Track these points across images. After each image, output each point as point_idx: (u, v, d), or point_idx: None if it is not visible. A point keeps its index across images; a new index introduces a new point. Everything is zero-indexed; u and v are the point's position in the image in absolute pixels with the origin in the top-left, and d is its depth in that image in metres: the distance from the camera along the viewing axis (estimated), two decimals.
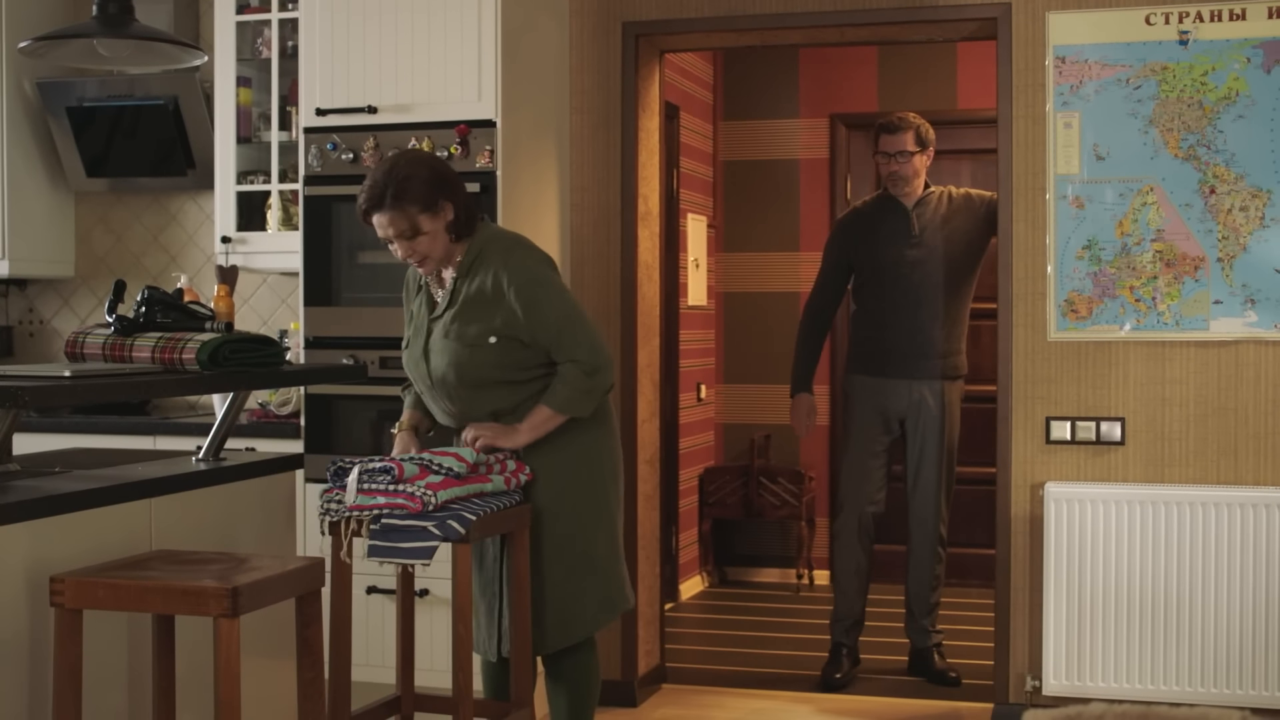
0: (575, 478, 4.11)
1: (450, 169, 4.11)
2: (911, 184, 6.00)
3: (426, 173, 3.98)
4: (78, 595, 3.02)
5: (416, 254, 4.01)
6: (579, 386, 4.00)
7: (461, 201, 4.04)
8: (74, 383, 3.17)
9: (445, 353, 4.03)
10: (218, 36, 5.73)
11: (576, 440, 4.11)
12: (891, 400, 6.08)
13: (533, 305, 3.99)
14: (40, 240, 6.21)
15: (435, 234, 3.99)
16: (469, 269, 4.06)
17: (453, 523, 3.74)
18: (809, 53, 8.07)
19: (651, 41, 5.73)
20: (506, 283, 3.99)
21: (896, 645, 6.56)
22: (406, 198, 3.94)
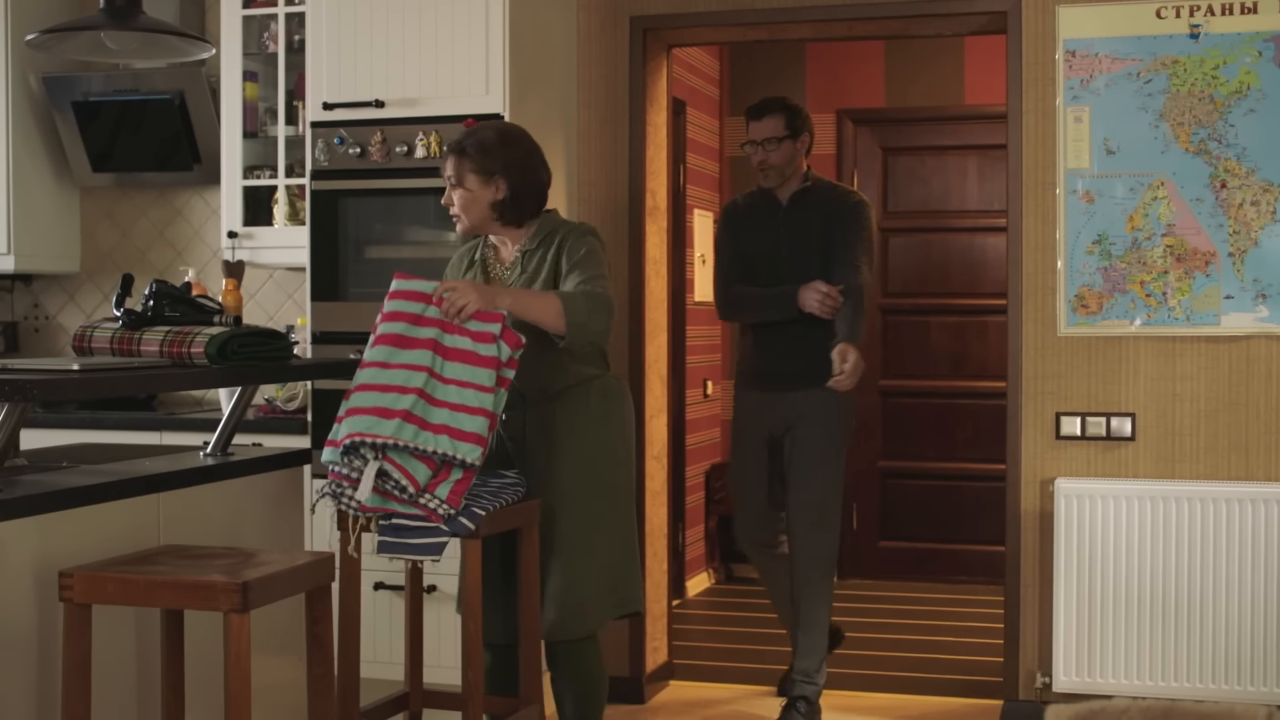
0: (588, 470, 4.09)
1: (535, 160, 4.16)
2: (784, 175, 5.31)
3: (503, 146, 4.08)
4: (86, 590, 3.00)
5: (453, 205, 4.13)
6: (580, 297, 3.95)
7: (521, 191, 4.10)
8: (82, 376, 3.16)
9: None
10: (224, 30, 5.71)
11: (591, 433, 4.09)
12: (769, 413, 5.34)
13: (574, 265, 4.04)
14: (45, 236, 6.19)
15: (476, 199, 4.08)
16: (538, 243, 4.13)
17: (463, 519, 3.71)
18: (815, 48, 8.05)
19: (659, 36, 5.70)
20: (568, 251, 4.06)
21: (904, 641, 6.55)
22: (470, 151, 4.07)
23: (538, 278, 4.07)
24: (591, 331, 3.98)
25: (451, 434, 3.70)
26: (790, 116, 5.30)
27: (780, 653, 6.33)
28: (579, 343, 3.99)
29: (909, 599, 7.56)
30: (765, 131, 5.28)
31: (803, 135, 5.33)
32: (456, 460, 3.70)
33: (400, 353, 3.80)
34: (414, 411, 3.68)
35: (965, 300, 7.99)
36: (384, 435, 3.63)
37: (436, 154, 5.13)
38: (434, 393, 3.75)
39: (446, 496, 3.69)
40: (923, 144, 8.07)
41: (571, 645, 4.16)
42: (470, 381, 3.79)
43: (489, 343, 3.82)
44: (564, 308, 3.91)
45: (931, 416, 8.06)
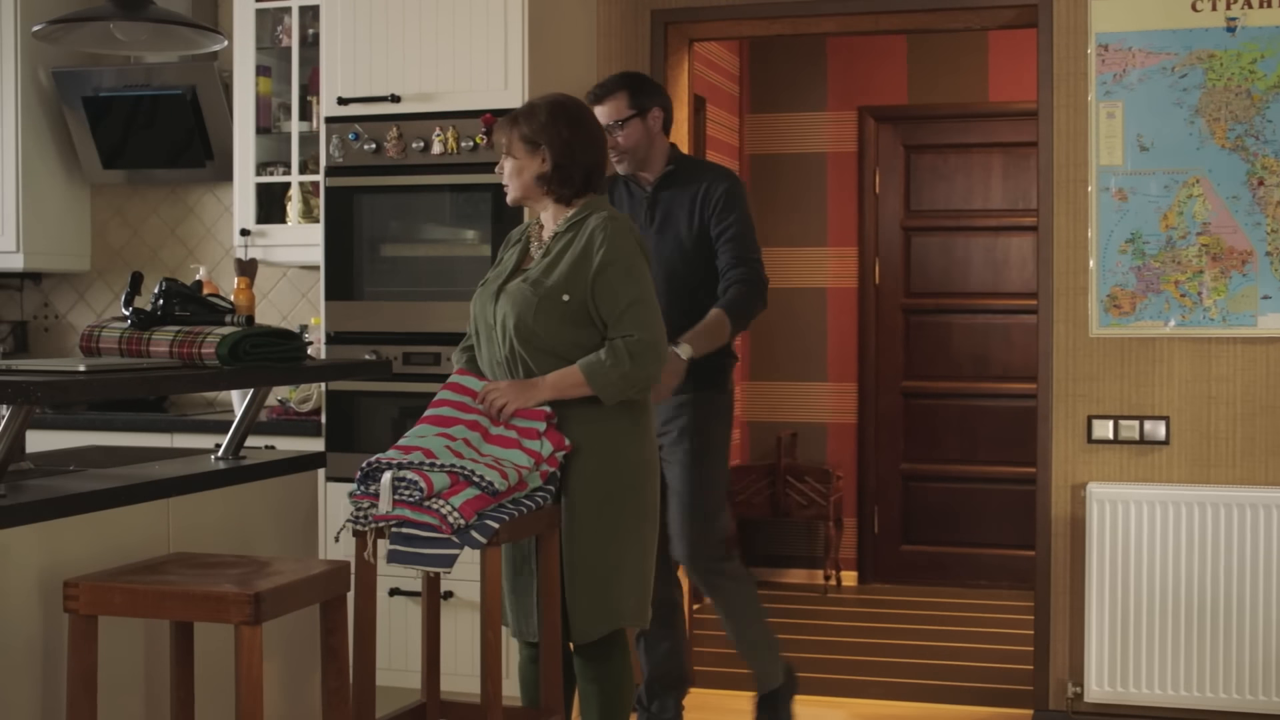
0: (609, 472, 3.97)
1: (585, 138, 4.02)
2: (639, 157, 4.79)
3: (551, 118, 3.98)
4: (92, 601, 2.88)
5: (502, 173, 4.05)
6: (619, 364, 3.85)
7: (566, 166, 3.97)
8: (89, 378, 3.04)
9: (515, 296, 3.92)
10: (237, 24, 5.60)
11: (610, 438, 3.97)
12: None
13: (610, 278, 3.89)
14: (55, 233, 6.09)
15: (522, 169, 3.99)
16: (569, 227, 4.00)
17: (474, 533, 3.61)
18: (837, 44, 7.93)
19: (680, 30, 5.59)
20: (597, 247, 3.91)
21: (928, 648, 6.42)
22: (521, 119, 3.99)
23: (558, 264, 3.93)
24: (634, 390, 3.92)
25: (476, 463, 3.68)
26: (634, 93, 4.74)
27: (805, 659, 6.21)
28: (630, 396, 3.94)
29: (931, 604, 7.44)
30: (608, 114, 4.71)
31: (653, 110, 4.76)
32: (475, 479, 3.63)
33: (439, 429, 3.82)
34: (437, 454, 3.68)
35: (989, 300, 7.87)
36: (402, 459, 3.63)
37: (454, 150, 5.03)
38: (465, 453, 3.75)
39: (459, 505, 3.60)
40: (946, 141, 7.95)
41: (599, 649, 4.04)
42: (506, 459, 3.77)
43: (533, 438, 3.81)
44: (599, 383, 3.85)
45: (954, 418, 7.94)
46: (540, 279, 3.92)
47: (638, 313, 3.89)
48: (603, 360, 3.86)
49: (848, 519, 7.96)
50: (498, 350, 3.96)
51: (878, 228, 7.97)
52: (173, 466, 3.70)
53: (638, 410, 4.04)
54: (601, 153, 4.08)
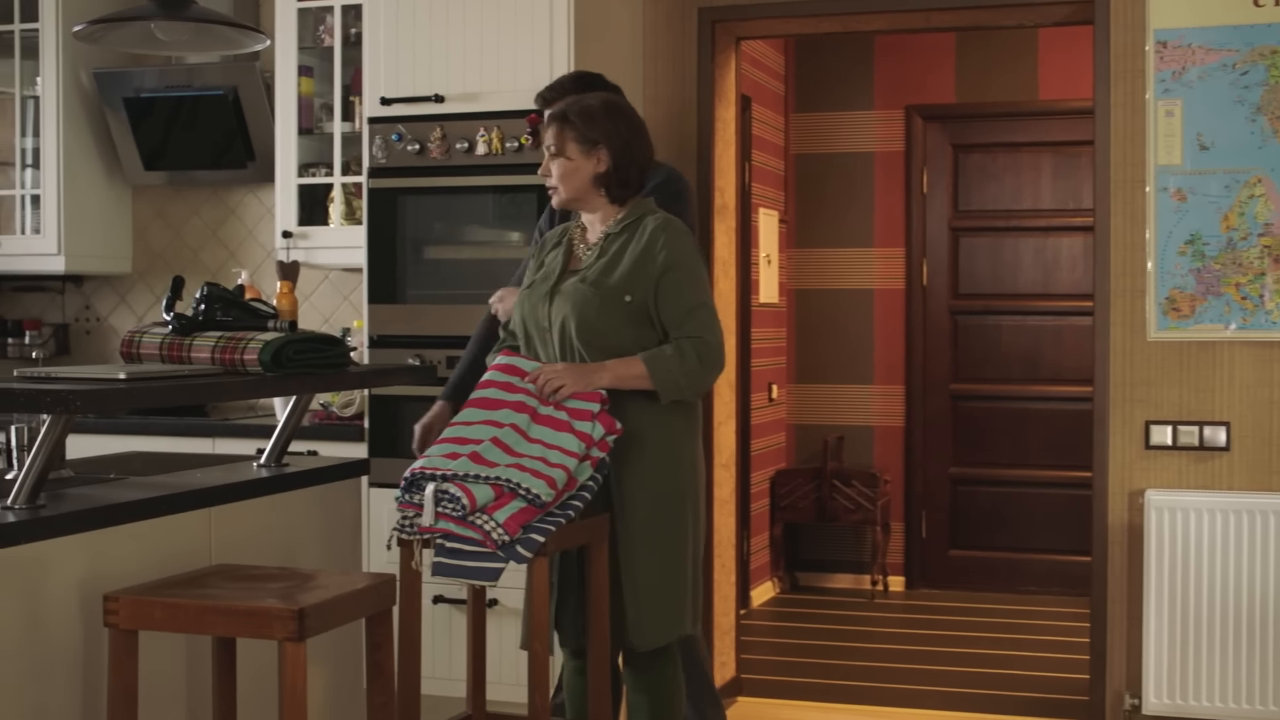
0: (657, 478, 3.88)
1: (640, 135, 3.94)
2: None
3: (607, 116, 3.89)
4: (133, 615, 2.81)
5: (551, 176, 3.92)
6: (685, 363, 3.77)
7: (624, 165, 3.88)
8: (129, 386, 2.97)
9: (574, 296, 3.84)
10: (278, 24, 5.54)
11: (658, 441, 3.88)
12: None
13: (674, 282, 3.80)
14: (97, 236, 6.04)
15: (577, 170, 3.88)
16: (623, 228, 3.91)
17: (520, 548, 3.53)
18: (884, 42, 7.82)
19: (728, 28, 5.50)
20: (659, 249, 3.82)
21: (977, 656, 6.32)
22: (574, 118, 3.88)
23: (618, 264, 3.85)
24: (692, 392, 3.84)
25: (523, 470, 3.57)
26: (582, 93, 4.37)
27: (853, 667, 6.12)
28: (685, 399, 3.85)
29: (980, 610, 7.33)
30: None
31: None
32: (521, 490, 3.54)
33: (485, 413, 3.73)
34: (484, 454, 3.58)
35: (1039, 302, 7.76)
36: (445, 469, 3.54)
37: (498, 150, 4.95)
38: (514, 445, 3.64)
39: (504, 521, 3.52)
40: (995, 141, 7.83)
41: (649, 659, 3.94)
42: (555, 444, 3.67)
43: (585, 420, 3.71)
44: (661, 378, 3.76)
45: (1003, 421, 7.83)
46: (600, 279, 3.84)
47: (703, 316, 3.81)
48: (669, 355, 3.77)
49: (895, 523, 7.86)
50: (551, 352, 3.88)
51: (925, 228, 7.87)
52: (214, 474, 3.63)
53: (692, 410, 3.96)
54: (652, 149, 4.01)
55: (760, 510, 7.56)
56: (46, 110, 5.87)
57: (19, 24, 5.95)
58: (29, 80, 6.00)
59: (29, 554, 2.87)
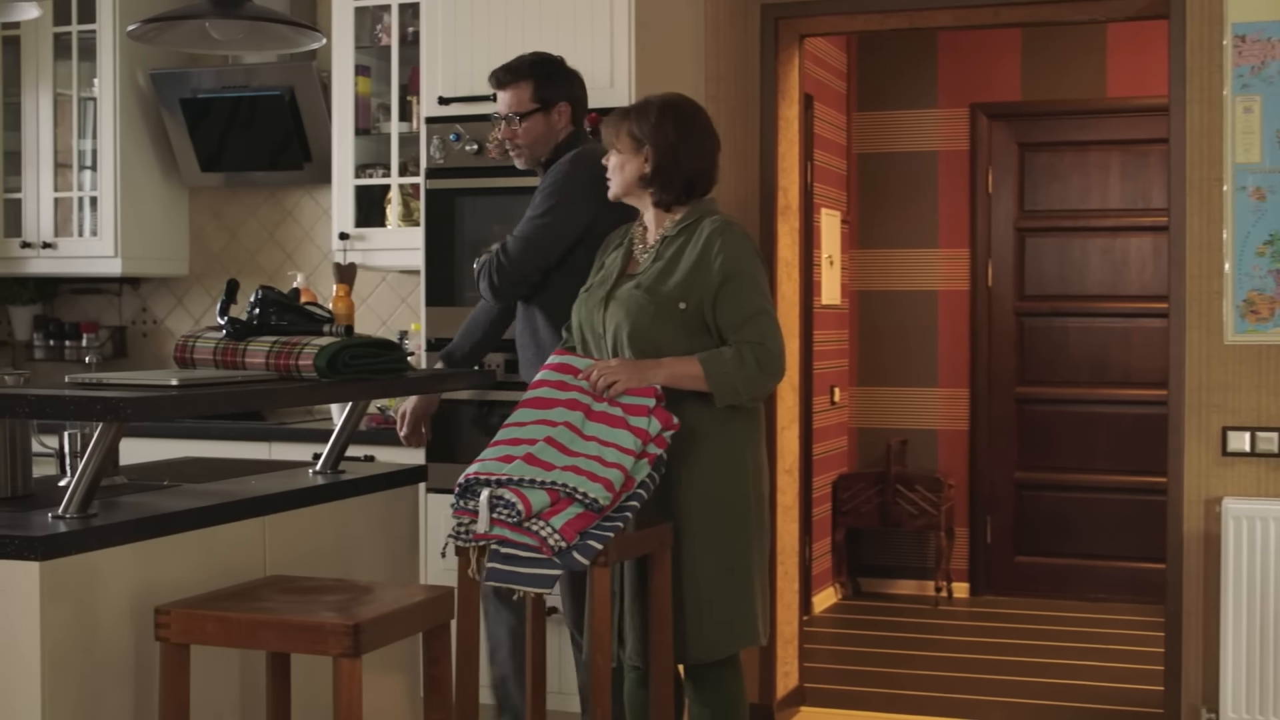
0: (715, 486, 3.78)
1: (692, 142, 3.84)
2: (537, 155, 4.39)
3: (660, 117, 3.83)
4: (184, 629, 2.74)
5: (609, 169, 3.90)
6: (744, 367, 3.68)
7: (667, 170, 3.81)
8: (181, 393, 2.90)
9: (629, 303, 3.77)
10: (335, 23, 5.47)
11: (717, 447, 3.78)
12: None
13: (734, 291, 3.72)
14: (154, 238, 6.00)
15: (625, 165, 3.86)
16: (680, 230, 3.83)
17: (576, 554, 3.46)
18: (948, 39, 7.69)
19: (791, 25, 5.39)
20: (715, 254, 3.74)
21: (1045, 665, 6.18)
22: (631, 114, 3.86)
23: (673, 270, 3.76)
24: (749, 398, 3.75)
25: (579, 473, 3.51)
26: (540, 84, 4.32)
27: (917, 676, 6.00)
28: (740, 404, 3.76)
29: (1047, 618, 7.19)
30: (508, 104, 4.32)
31: (559, 105, 4.34)
32: (578, 495, 3.47)
33: (538, 412, 3.68)
34: (538, 455, 3.52)
35: (1108, 303, 7.61)
36: (500, 474, 3.49)
37: None
38: (569, 444, 3.58)
39: (560, 527, 3.46)
40: (1062, 139, 7.69)
41: (712, 671, 3.85)
42: (611, 441, 3.61)
43: (640, 415, 3.65)
44: (717, 380, 3.68)
45: (1071, 425, 7.68)
46: (654, 285, 3.75)
47: (763, 323, 3.72)
48: (727, 358, 3.68)
49: (959, 528, 7.73)
50: (606, 358, 3.80)
51: (990, 228, 7.74)
52: (269, 482, 3.56)
53: (754, 415, 3.86)
54: (710, 160, 3.90)
55: (822, 515, 7.45)
56: (103, 112, 5.83)
57: (76, 25, 5.92)
58: (86, 82, 5.96)
59: (80, 564, 2.80)
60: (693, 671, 3.88)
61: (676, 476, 3.76)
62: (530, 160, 4.40)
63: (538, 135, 4.34)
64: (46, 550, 2.72)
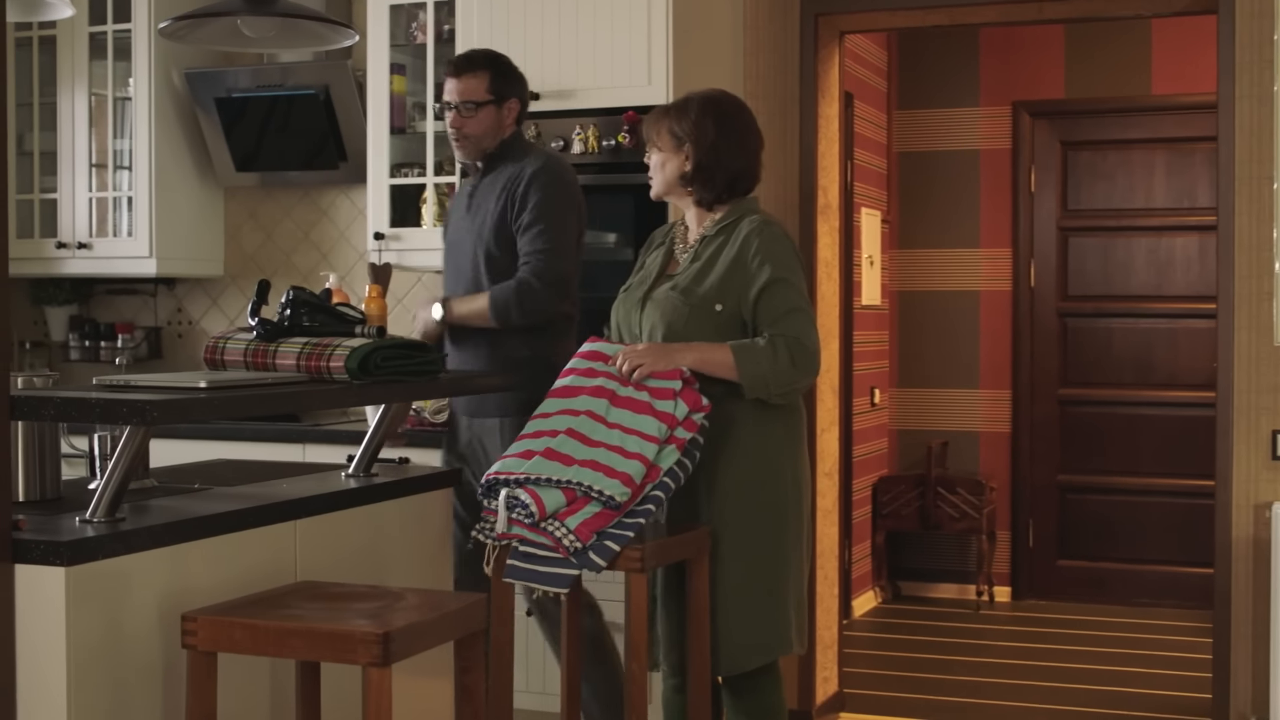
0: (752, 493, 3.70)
1: (734, 141, 3.78)
2: (483, 147, 4.34)
3: (701, 114, 3.76)
4: (211, 636, 2.68)
5: (651, 167, 3.84)
6: (776, 360, 3.60)
7: (708, 169, 3.74)
8: (209, 395, 2.84)
9: (664, 305, 3.72)
10: (370, 21, 5.42)
11: (753, 451, 3.70)
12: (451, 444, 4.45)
13: (773, 295, 3.65)
14: (189, 238, 5.97)
15: (665, 163, 3.80)
16: (719, 230, 3.76)
17: (592, 554, 3.43)
18: (990, 36, 7.60)
19: (831, 22, 5.31)
20: (753, 255, 3.67)
21: (1091, 672, 6.08)
22: (672, 111, 3.81)
23: (710, 271, 3.70)
24: (779, 392, 3.65)
25: (598, 468, 3.47)
26: (496, 77, 4.29)
27: (958, 682, 5.92)
28: (768, 398, 3.66)
29: (1090, 623, 7.09)
30: (462, 92, 4.28)
31: (510, 101, 4.31)
32: (594, 493, 3.44)
33: (562, 402, 3.65)
34: (558, 449, 3.50)
35: (1152, 304, 7.50)
36: (519, 472, 3.48)
37: (594, 149, 4.81)
38: (590, 433, 3.55)
39: (575, 528, 3.44)
40: (1105, 137, 7.59)
41: (751, 680, 3.77)
42: (634, 428, 3.56)
43: (667, 399, 3.59)
44: (748, 373, 3.59)
45: (1115, 427, 7.58)
46: (691, 287, 3.69)
47: (799, 320, 3.65)
48: (760, 349, 3.61)
49: (1001, 532, 7.63)
50: None
51: (1033, 228, 7.64)
52: (301, 485, 3.50)
53: (794, 420, 3.78)
54: (752, 158, 3.83)
55: (862, 518, 7.37)
56: (138, 111, 5.80)
57: (112, 25, 5.88)
58: (122, 82, 5.93)
59: (108, 569, 2.75)
60: (730, 680, 3.81)
61: (710, 482, 3.69)
62: (474, 152, 4.33)
63: (487, 128, 4.29)
64: (73, 555, 2.67)
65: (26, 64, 6.07)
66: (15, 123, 6.09)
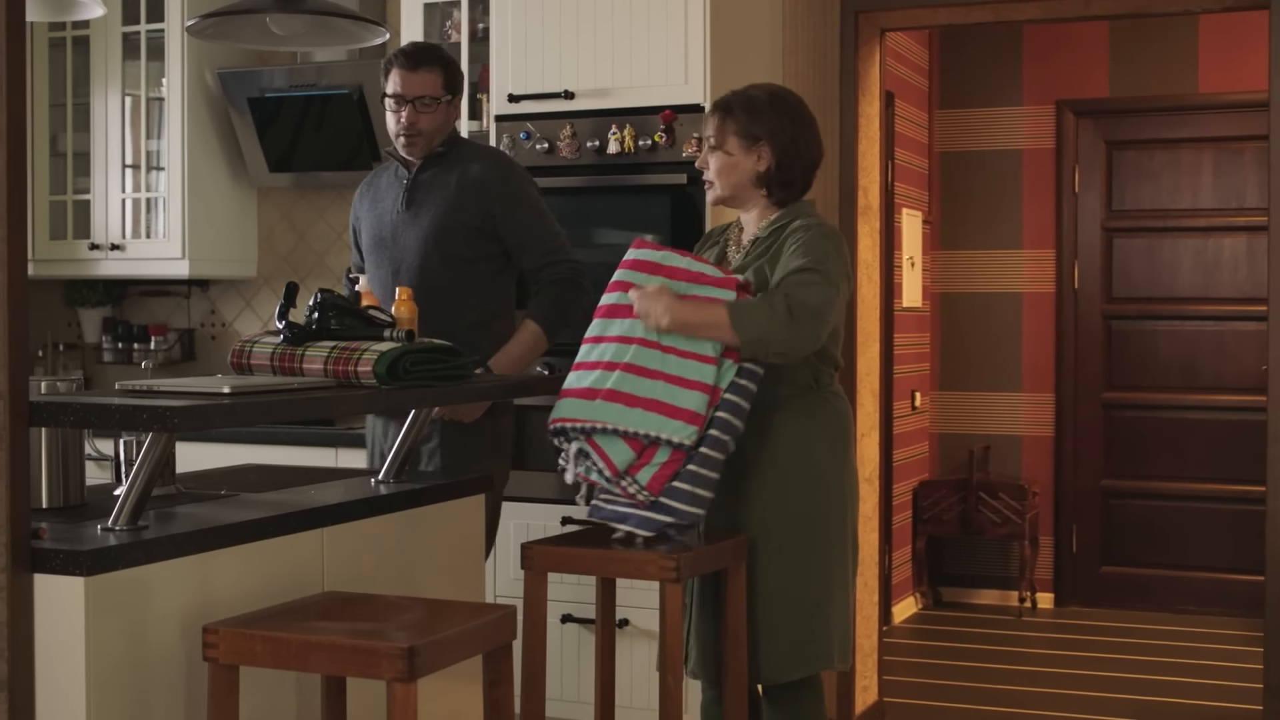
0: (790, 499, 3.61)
1: (808, 133, 3.70)
2: (433, 144, 4.23)
3: (774, 111, 3.66)
4: (233, 650, 2.61)
5: (710, 169, 3.70)
6: (774, 314, 3.41)
7: (788, 164, 3.65)
8: (232, 402, 2.77)
9: None
10: (405, 19, 5.36)
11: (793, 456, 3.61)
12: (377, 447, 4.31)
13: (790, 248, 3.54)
14: (222, 239, 5.92)
15: (736, 166, 3.67)
16: (772, 231, 3.66)
17: (667, 499, 3.46)
18: (1034, 33, 7.49)
19: (872, 19, 5.22)
20: (791, 248, 3.57)
21: (1135, 681, 5.97)
22: (737, 110, 3.67)
23: (753, 269, 3.61)
24: (779, 349, 3.45)
25: (661, 409, 3.43)
26: (449, 73, 4.20)
27: (1000, 691, 5.81)
28: (767, 358, 3.50)
29: (1135, 630, 6.98)
30: (417, 87, 4.14)
31: (458, 98, 4.26)
32: (663, 441, 3.42)
33: (612, 324, 3.57)
34: (619, 388, 3.46)
35: (1199, 306, 7.37)
36: (584, 419, 3.47)
37: (631, 149, 4.73)
38: (646, 363, 3.47)
39: (647, 483, 3.45)
40: (1151, 137, 7.47)
41: (791, 691, 3.69)
42: (690, 351, 3.47)
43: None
44: (744, 331, 3.42)
45: (1160, 432, 7.45)
46: None
47: (807, 280, 3.47)
48: (754, 304, 3.46)
49: (1044, 538, 7.52)
50: None
51: (1077, 229, 7.53)
52: (330, 491, 3.43)
53: (839, 428, 3.69)
54: (821, 150, 3.74)
55: (902, 523, 7.27)
56: (171, 112, 5.76)
57: (145, 24, 5.84)
58: (155, 82, 5.89)
59: (129, 579, 2.68)
60: (770, 690, 3.73)
61: (748, 489, 3.61)
62: (424, 149, 4.20)
63: (439, 124, 4.18)
64: (92, 565, 2.60)
65: (60, 65, 6.04)
66: (49, 123, 6.07)
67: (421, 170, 4.23)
